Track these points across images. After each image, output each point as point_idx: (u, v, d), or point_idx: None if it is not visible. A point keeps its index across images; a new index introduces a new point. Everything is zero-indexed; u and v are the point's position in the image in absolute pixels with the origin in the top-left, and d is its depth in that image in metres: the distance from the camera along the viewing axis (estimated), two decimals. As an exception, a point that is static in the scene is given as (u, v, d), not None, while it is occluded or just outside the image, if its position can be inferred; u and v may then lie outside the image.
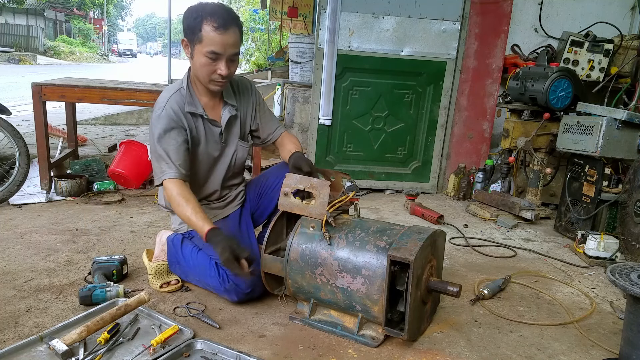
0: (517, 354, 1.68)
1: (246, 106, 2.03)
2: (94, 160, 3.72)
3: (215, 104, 1.94)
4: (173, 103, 1.83)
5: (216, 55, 1.72)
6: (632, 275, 1.46)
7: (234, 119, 1.99)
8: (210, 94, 1.90)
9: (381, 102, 3.77)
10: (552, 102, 3.14)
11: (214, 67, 1.75)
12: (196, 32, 1.70)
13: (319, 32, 3.59)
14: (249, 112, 2.05)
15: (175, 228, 2.06)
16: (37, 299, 1.85)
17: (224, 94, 1.94)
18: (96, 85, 3.15)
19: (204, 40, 1.70)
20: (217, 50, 1.71)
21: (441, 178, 4.02)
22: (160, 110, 1.81)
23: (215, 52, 1.71)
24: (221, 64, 1.74)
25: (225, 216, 2.05)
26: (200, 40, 1.71)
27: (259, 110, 2.07)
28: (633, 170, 2.56)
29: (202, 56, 1.73)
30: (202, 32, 1.69)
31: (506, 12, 3.73)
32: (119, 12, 55.93)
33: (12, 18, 26.92)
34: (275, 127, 2.10)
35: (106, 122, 6.59)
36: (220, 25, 1.68)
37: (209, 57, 1.72)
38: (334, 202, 1.75)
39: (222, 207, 2.05)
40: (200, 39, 1.70)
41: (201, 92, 1.90)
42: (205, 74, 1.77)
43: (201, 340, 1.58)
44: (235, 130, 2.01)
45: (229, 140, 2.00)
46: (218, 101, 1.95)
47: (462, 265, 2.47)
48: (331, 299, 1.72)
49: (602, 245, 2.58)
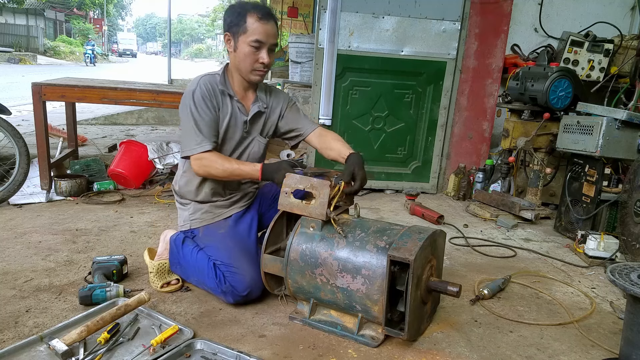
0: (517, 354, 1.68)
1: (275, 108, 2.11)
2: (94, 160, 3.72)
3: (246, 96, 2.03)
4: (206, 81, 1.93)
5: (259, 44, 1.85)
6: (632, 275, 1.46)
7: (260, 115, 2.06)
8: (243, 86, 2.00)
9: (381, 102, 3.77)
10: (552, 102, 3.14)
11: (256, 56, 1.87)
12: (241, 24, 1.84)
13: (319, 32, 3.59)
14: (276, 114, 2.12)
15: (181, 224, 2.06)
16: (37, 299, 1.85)
17: (257, 92, 2.04)
18: (96, 85, 3.15)
19: (248, 30, 1.84)
20: (260, 38, 1.84)
21: (441, 178, 4.02)
22: (193, 86, 1.91)
23: (259, 41, 1.84)
24: (263, 53, 1.87)
25: (229, 216, 2.05)
26: (244, 31, 1.84)
27: (293, 112, 2.13)
28: (633, 170, 2.56)
29: (246, 46, 1.85)
30: (247, 23, 1.83)
31: (506, 12, 3.73)
32: (119, 12, 55.93)
33: (12, 18, 26.91)
34: (310, 126, 2.13)
35: (106, 122, 6.59)
36: (263, 17, 1.84)
37: (253, 45, 1.84)
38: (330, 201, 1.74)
39: (226, 207, 2.05)
40: (245, 30, 1.84)
41: (236, 82, 1.99)
42: (248, 63, 1.88)
43: (201, 340, 1.58)
44: (257, 126, 2.07)
45: (251, 131, 2.05)
46: (250, 95, 2.04)
47: (462, 265, 2.47)
48: (331, 299, 1.72)
49: (602, 245, 2.58)
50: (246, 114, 2.00)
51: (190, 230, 2.03)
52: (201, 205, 2.02)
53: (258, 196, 2.17)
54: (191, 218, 2.03)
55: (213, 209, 2.02)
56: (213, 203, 2.03)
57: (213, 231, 1.99)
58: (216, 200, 2.03)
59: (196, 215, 2.02)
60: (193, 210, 2.03)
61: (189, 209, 2.04)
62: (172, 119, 6.90)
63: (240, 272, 1.83)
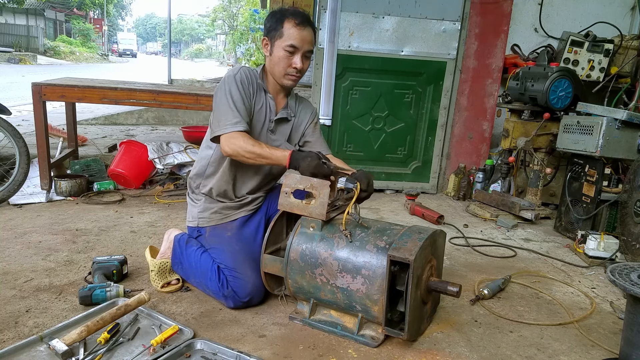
0: (517, 354, 1.68)
1: (302, 118, 2.12)
2: (94, 160, 3.72)
3: (277, 99, 2.04)
4: (247, 70, 1.95)
5: (294, 49, 1.88)
6: (632, 275, 1.46)
7: (286, 122, 2.07)
8: (276, 90, 2.02)
9: (381, 102, 3.78)
10: (552, 102, 3.14)
11: (290, 61, 1.90)
12: (278, 29, 1.88)
13: (319, 32, 3.59)
14: (302, 125, 2.13)
15: (190, 220, 2.06)
16: (37, 299, 1.85)
17: (288, 99, 2.06)
18: (96, 85, 3.15)
19: (284, 35, 1.87)
20: (295, 43, 1.87)
21: (441, 178, 4.02)
22: (235, 72, 1.92)
23: (293, 46, 1.87)
24: (297, 58, 1.90)
25: (236, 218, 2.04)
26: (281, 36, 1.88)
27: (313, 129, 2.15)
28: (633, 170, 2.56)
29: (281, 50, 1.89)
30: (284, 28, 1.87)
31: (506, 12, 3.73)
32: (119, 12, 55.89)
33: (12, 18, 26.91)
34: (323, 149, 2.13)
35: (106, 122, 6.59)
36: (300, 23, 1.87)
37: (287, 50, 1.88)
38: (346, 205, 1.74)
39: (236, 208, 2.04)
40: (282, 35, 1.88)
41: (270, 84, 2.01)
42: (282, 67, 1.91)
43: (201, 340, 1.58)
44: (284, 131, 2.07)
45: (276, 132, 2.05)
46: (281, 99, 2.05)
47: (462, 265, 2.47)
48: (331, 299, 1.72)
49: (602, 245, 2.58)
50: (275, 113, 2.02)
51: (197, 229, 2.02)
52: (211, 205, 2.01)
53: (267, 199, 2.16)
54: (199, 216, 2.02)
55: (222, 210, 2.01)
56: (223, 203, 2.02)
57: (220, 233, 1.98)
58: (226, 200, 2.02)
59: (205, 214, 2.01)
60: (202, 209, 2.02)
61: (199, 206, 2.03)
62: (172, 119, 6.89)
63: (243, 278, 1.83)
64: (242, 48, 22.15)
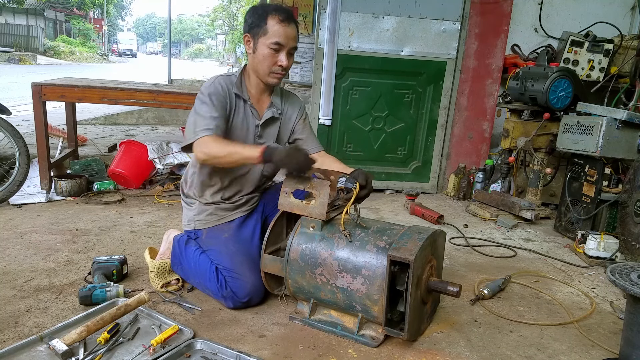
0: (517, 354, 1.68)
1: (290, 115, 2.09)
2: (94, 160, 3.72)
3: (261, 99, 2.01)
4: (222, 81, 1.92)
5: (279, 47, 1.84)
6: (632, 275, 1.46)
7: (274, 121, 2.04)
8: (259, 89, 1.98)
9: (381, 102, 3.78)
10: (552, 102, 3.14)
11: (275, 59, 1.86)
12: (261, 25, 1.83)
13: (319, 32, 3.59)
14: (291, 122, 2.09)
15: (185, 224, 2.06)
16: (37, 299, 1.85)
17: (272, 97, 2.02)
18: (96, 85, 3.15)
19: (268, 32, 1.83)
20: (280, 41, 1.83)
21: (441, 178, 4.02)
22: (209, 83, 1.90)
23: (278, 43, 1.83)
24: (282, 55, 1.86)
25: (232, 219, 2.04)
26: (265, 33, 1.83)
27: (303, 125, 2.11)
28: (633, 170, 2.56)
29: (265, 48, 1.84)
30: (267, 25, 1.82)
31: (506, 12, 3.73)
32: (119, 12, 55.91)
33: (12, 18, 26.91)
34: (315, 145, 2.11)
35: (106, 122, 6.59)
36: (284, 19, 1.83)
37: (272, 48, 1.83)
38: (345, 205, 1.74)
39: (231, 210, 2.04)
40: (265, 32, 1.83)
41: (252, 84, 1.98)
42: (266, 65, 1.87)
43: (201, 340, 1.58)
44: (272, 132, 2.04)
45: (264, 136, 2.03)
46: (265, 98, 2.02)
47: (462, 265, 2.47)
48: (331, 299, 1.72)
49: (602, 245, 2.58)
50: (259, 119, 1.99)
51: (194, 231, 2.02)
52: (206, 207, 2.01)
53: (262, 200, 2.17)
54: (195, 219, 2.02)
55: (217, 211, 2.01)
56: (217, 205, 2.02)
57: (217, 234, 1.98)
58: (220, 202, 2.02)
59: (201, 216, 2.01)
60: (198, 211, 2.02)
61: (194, 209, 2.03)
62: (172, 119, 6.90)
63: (242, 279, 1.83)
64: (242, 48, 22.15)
